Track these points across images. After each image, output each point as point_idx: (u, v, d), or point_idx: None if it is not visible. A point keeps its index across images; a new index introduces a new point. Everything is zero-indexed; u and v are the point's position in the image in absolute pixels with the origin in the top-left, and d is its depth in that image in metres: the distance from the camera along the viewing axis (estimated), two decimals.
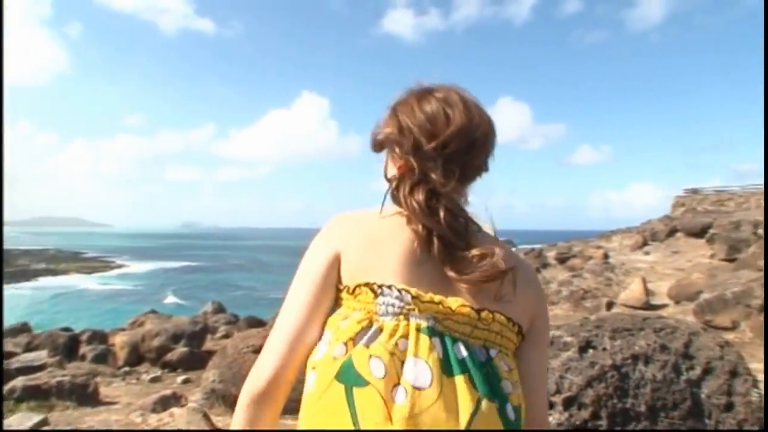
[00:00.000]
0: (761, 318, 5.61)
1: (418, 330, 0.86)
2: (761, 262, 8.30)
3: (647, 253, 16.13)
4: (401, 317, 0.87)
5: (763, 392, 3.18)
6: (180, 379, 7.34)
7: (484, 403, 0.85)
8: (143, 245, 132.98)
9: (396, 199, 1.01)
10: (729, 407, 3.02)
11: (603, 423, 2.90)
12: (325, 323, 0.94)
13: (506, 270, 0.92)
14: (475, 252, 0.93)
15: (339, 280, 0.95)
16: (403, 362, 0.83)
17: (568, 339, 3.32)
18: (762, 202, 25.97)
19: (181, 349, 8.81)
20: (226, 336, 12.07)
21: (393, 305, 0.87)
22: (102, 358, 9.43)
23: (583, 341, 3.28)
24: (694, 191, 29.59)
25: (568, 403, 2.99)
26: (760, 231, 10.13)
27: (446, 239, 0.93)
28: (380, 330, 0.86)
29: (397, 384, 0.82)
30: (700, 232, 14.98)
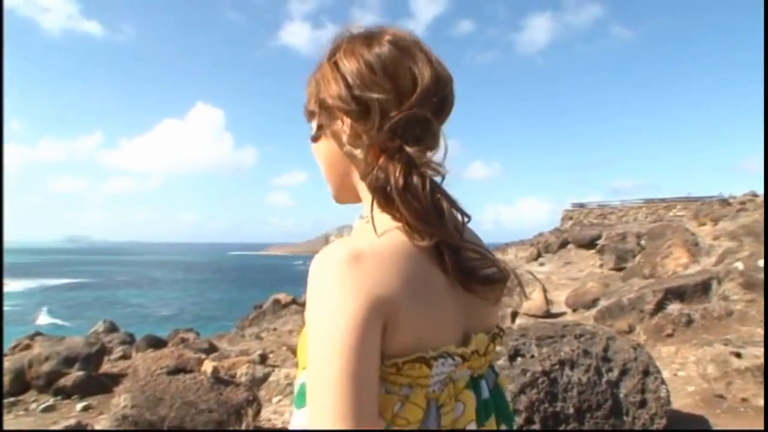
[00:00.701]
0: (653, 321, 6.16)
1: (465, 387, 0.78)
2: (647, 270, 9.11)
3: (542, 264, 17.10)
4: (448, 380, 0.76)
5: (668, 390, 3.50)
6: (79, 406, 6.73)
7: None
8: (21, 261, 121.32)
9: (387, 205, 0.75)
10: (643, 404, 3.29)
11: (536, 427, 3.05)
12: None
13: (510, 273, 0.85)
14: (489, 264, 0.80)
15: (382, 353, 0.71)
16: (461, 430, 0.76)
17: (497, 348, 3.46)
18: (638, 216, 28.65)
19: (76, 374, 8.09)
20: (124, 357, 11.30)
21: (444, 373, 0.75)
22: None
23: (512, 350, 3.44)
24: (581, 205, 31.92)
25: None
26: (643, 242, 11.14)
27: (455, 247, 0.76)
28: (438, 407, 0.75)
29: None
30: (589, 244, 16.12)
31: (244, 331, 14.27)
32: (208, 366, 5.30)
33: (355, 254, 0.69)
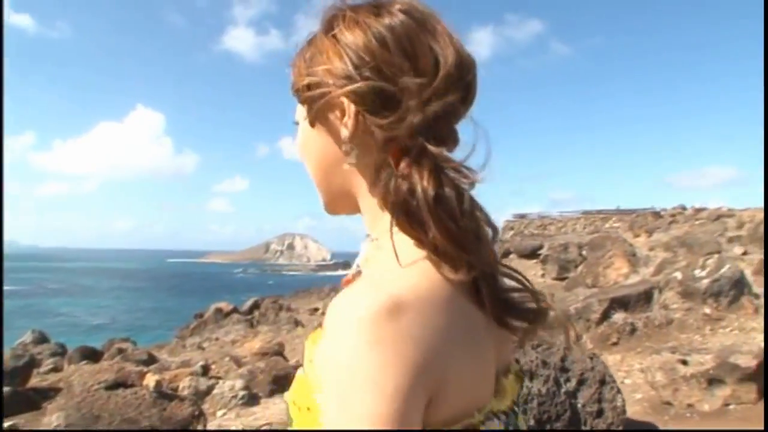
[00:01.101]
0: (599, 330, 6.32)
1: None
2: (589, 280, 9.38)
3: None
4: None
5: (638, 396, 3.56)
6: (3, 426, 6.29)
7: None
8: None
9: (411, 224, 0.59)
10: (600, 413, 3.33)
11: None
12: None
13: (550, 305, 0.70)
14: (528, 295, 0.68)
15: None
16: None
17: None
18: (576, 227, 29.70)
19: None
20: (56, 369, 10.65)
21: None
22: None
23: None
24: (522, 216, 32.70)
25: None
26: (585, 252, 11.48)
27: (491, 277, 0.63)
28: None
29: None
30: (531, 254, 16.50)
31: (185, 341, 13.79)
32: (150, 380, 5.04)
33: (393, 305, 0.52)
